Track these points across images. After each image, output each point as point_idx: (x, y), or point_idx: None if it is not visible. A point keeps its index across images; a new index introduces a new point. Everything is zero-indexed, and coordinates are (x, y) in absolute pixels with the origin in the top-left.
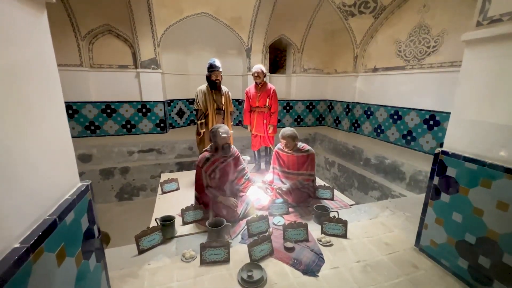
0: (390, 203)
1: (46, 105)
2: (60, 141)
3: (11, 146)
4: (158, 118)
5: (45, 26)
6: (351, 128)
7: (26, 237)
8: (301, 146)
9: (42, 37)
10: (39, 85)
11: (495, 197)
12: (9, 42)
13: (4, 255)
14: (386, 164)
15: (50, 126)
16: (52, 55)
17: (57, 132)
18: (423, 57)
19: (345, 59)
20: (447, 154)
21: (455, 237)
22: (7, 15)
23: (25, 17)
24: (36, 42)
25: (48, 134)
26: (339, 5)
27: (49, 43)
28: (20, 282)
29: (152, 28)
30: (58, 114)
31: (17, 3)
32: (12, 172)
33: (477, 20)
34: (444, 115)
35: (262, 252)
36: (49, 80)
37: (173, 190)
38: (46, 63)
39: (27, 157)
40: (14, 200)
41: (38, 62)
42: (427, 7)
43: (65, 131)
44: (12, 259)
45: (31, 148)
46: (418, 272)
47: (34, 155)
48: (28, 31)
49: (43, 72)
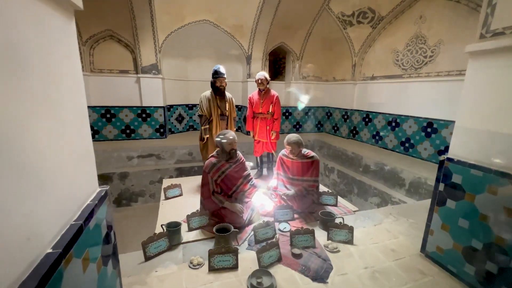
0: (393, 209)
1: (73, 109)
2: (84, 145)
3: (43, 150)
4: (158, 123)
5: (73, 32)
6: (349, 135)
7: (57, 243)
8: (306, 152)
9: (71, 42)
10: (67, 89)
11: (501, 204)
12: (46, 47)
13: (39, 261)
14: (385, 171)
15: (76, 130)
16: (78, 59)
17: (81, 136)
18: (420, 66)
19: (343, 67)
20: (452, 161)
21: (462, 243)
22: (44, 22)
23: (58, 24)
24: (66, 47)
25: (74, 138)
26: (338, 15)
27: (76, 48)
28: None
29: (154, 34)
30: (82, 118)
31: (52, 11)
32: (44, 177)
33: (481, 32)
34: (441, 122)
35: (270, 258)
36: (75, 84)
37: (177, 196)
38: (73, 67)
39: (57, 161)
40: (46, 204)
41: (67, 66)
42: (424, 18)
43: (88, 135)
44: (47, 264)
45: (60, 152)
46: (425, 279)
47: (62, 159)
48: (60, 36)
49: (70, 76)
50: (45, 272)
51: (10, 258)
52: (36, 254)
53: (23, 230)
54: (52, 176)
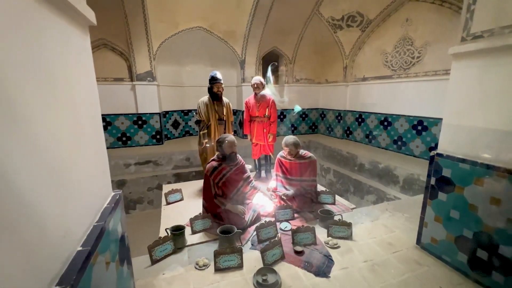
0: (388, 205)
1: (90, 116)
2: (101, 150)
3: (71, 156)
4: (154, 129)
5: (88, 45)
6: (343, 135)
7: (84, 241)
8: (303, 153)
9: (87, 54)
10: (85, 97)
11: (488, 194)
12: (68, 59)
13: (73, 256)
14: (380, 169)
15: (94, 136)
16: (93, 70)
17: (98, 141)
18: (409, 67)
19: (335, 69)
20: (441, 156)
21: (454, 233)
22: (68, 39)
23: (77, 39)
24: (84, 59)
25: (93, 144)
26: (328, 19)
27: (90, 60)
28: (87, 283)
29: (148, 42)
30: (97, 124)
31: (73, 28)
32: (72, 181)
33: (462, 36)
34: (431, 120)
35: (274, 256)
36: (91, 92)
37: (178, 201)
38: (89, 76)
39: (81, 167)
40: (75, 207)
41: (85, 75)
42: (410, 21)
43: (103, 141)
44: (80, 260)
45: (83, 158)
46: (422, 269)
47: (85, 164)
48: (78, 49)
49: (87, 84)
50: (80, 267)
51: (53, 252)
52: (70, 250)
53: (61, 229)
54: (78, 180)
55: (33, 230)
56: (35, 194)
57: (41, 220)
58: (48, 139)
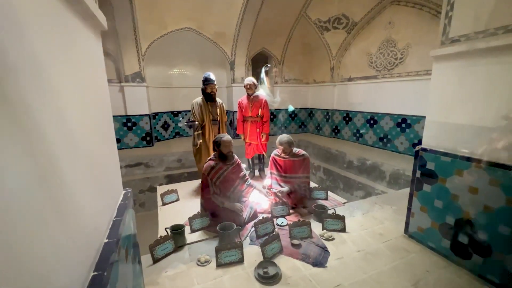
0: (377, 199)
1: (106, 115)
2: (113, 147)
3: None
4: (144, 131)
5: (101, 48)
6: (331, 134)
7: (109, 234)
8: (297, 151)
9: (100, 57)
10: (103, 98)
11: (467, 184)
12: (85, 62)
13: (102, 248)
14: (367, 165)
15: (109, 133)
16: (104, 72)
17: (112, 138)
18: (392, 67)
19: (322, 70)
20: (426, 150)
21: (438, 221)
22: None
23: (93, 43)
24: (97, 61)
25: (109, 140)
26: (315, 21)
27: (102, 62)
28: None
29: (137, 43)
30: (111, 122)
31: (92, 34)
32: (99, 175)
33: (441, 40)
34: (414, 118)
35: (273, 250)
36: (106, 93)
37: (174, 201)
38: (101, 79)
39: (104, 161)
40: (101, 202)
41: (99, 75)
42: (392, 24)
43: (114, 139)
44: (109, 251)
45: (103, 153)
46: (410, 256)
47: (105, 160)
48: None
49: (104, 85)
50: (109, 257)
51: (89, 242)
52: (100, 242)
53: (92, 222)
54: (102, 176)
55: (75, 220)
56: (77, 186)
57: (81, 212)
58: (83, 136)
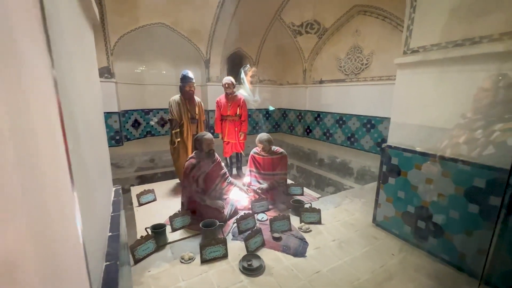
0: (348, 193)
1: (100, 111)
2: (105, 144)
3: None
4: (113, 130)
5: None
6: (304, 133)
7: (110, 228)
8: (275, 149)
9: (93, 52)
10: (98, 93)
11: (424, 176)
12: (82, 52)
13: (107, 240)
14: (337, 163)
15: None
16: (96, 67)
17: (103, 134)
18: (359, 72)
19: (295, 72)
20: (390, 147)
21: (401, 210)
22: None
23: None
24: (91, 56)
25: (102, 136)
26: (289, 25)
27: (94, 56)
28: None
29: (105, 36)
30: (102, 119)
31: (88, 27)
32: (104, 171)
33: (403, 49)
34: (378, 119)
35: (256, 243)
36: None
37: (151, 201)
38: (95, 74)
39: (103, 158)
40: (102, 197)
41: (92, 73)
42: (359, 32)
43: (105, 140)
44: (115, 243)
45: (102, 149)
46: (378, 242)
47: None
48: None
49: (92, 82)
50: (116, 248)
51: (101, 234)
52: (103, 236)
53: (102, 213)
54: (104, 172)
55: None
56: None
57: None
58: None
